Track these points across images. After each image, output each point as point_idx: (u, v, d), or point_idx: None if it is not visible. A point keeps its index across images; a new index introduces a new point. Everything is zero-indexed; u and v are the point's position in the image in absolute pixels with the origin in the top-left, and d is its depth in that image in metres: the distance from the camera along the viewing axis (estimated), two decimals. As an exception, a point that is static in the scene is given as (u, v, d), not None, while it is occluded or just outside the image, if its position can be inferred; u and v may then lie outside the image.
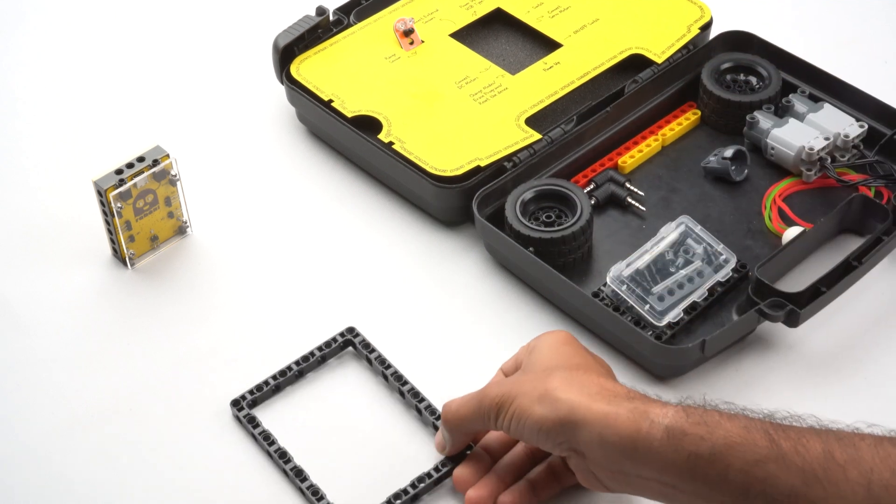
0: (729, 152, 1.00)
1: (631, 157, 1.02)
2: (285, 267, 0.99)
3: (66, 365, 0.93)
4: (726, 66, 1.06)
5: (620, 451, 0.74)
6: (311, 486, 0.84)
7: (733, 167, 1.00)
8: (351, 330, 0.92)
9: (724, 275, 0.91)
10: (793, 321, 0.89)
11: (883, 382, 0.89)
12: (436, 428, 0.87)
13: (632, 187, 1.00)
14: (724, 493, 0.72)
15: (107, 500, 0.85)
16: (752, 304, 0.90)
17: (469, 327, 0.94)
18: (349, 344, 0.92)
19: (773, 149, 1.00)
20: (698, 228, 0.92)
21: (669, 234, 0.92)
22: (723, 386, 0.89)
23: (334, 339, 0.92)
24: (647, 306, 0.89)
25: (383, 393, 0.90)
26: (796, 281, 0.94)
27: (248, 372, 0.91)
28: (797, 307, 0.89)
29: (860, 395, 0.88)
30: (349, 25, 1.11)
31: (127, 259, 0.98)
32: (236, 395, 0.89)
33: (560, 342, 0.83)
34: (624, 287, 0.90)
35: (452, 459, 0.85)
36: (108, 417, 0.89)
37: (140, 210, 0.96)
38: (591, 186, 1.00)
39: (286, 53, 1.07)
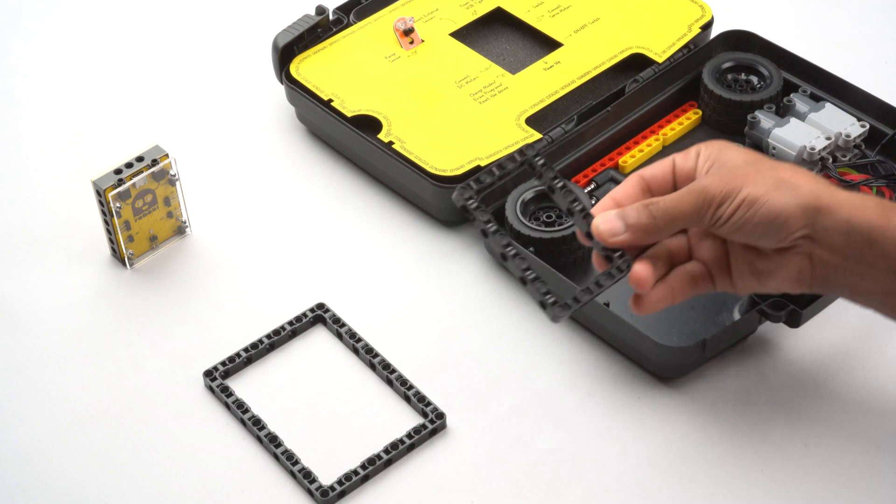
0: (729, 151, 1.00)
1: (632, 157, 1.02)
2: (284, 267, 0.99)
3: (64, 365, 0.92)
4: (727, 65, 1.06)
5: (865, 237, 0.75)
6: (286, 451, 0.85)
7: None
8: (332, 315, 0.92)
9: None
10: (794, 321, 0.89)
11: (885, 383, 0.89)
12: (407, 399, 0.88)
13: (632, 187, 1.00)
14: None
15: (107, 499, 0.85)
16: (753, 304, 0.89)
17: (469, 327, 0.94)
18: (321, 322, 0.92)
19: (774, 148, 1.00)
20: None
21: None
22: (724, 386, 0.89)
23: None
24: None
25: (361, 368, 0.91)
26: (797, 281, 0.94)
27: (250, 371, 0.91)
28: (799, 307, 0.88)
29: (862, 395, 0.88)
30: (349, 25, 1.10)
31: (126, 259, 0.98)
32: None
33: (743, 149, 0.81)
34: None
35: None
36: (108, 417, 0.89)
37: (139, 210, 0.96)
38: (592, 186, 1.00)
39: (286, 53, 1.07)
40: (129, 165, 0.94)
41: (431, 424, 0.87)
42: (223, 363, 0.90)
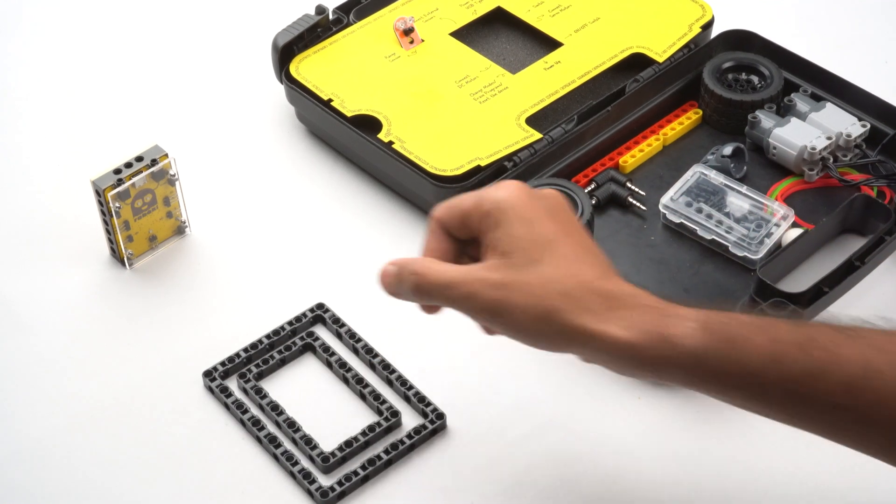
0: (728, 150, 1.00)
1: (632, 157, 1.02)
2: (284, 267, 0.99)
3: (64, 365, 0.92)
4: (728, 65, 1.06)
5: (643, 371, 0.71)
6: (286, 451, 0.85)
7: (732, 165, 1.00)
8: (325, 308, 0.92)
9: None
10: (795, 321, 0.89)
11: (885, 383, 0.89)
12: (407, 399, 0.88)
13: (633, 187, 1.00)
14: (762, 405, 0.71)
15: (106, 499, 0.85)
16: (754, 305, 0.89)
17: (469, 327, 0.94)
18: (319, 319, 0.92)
19: (774, 148, 1.00)
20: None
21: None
22: (724, 387, 0.89)
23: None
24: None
25: (361, 368, 0.91)
26: (798, 281, 0.94)
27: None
28: (799, 308, 0.88)
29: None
30: (349, 24, 1.10)
31: (125, 259, 0.98)
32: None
33: (533, 210, 0.72)
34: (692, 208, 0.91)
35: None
36: (107, 417, 0.89)
37: (138, 210, 0.96)
38: (592, 186, 1.00)
39: (285, 52, 1.07)
40: (128, 165, 0.94)
41: (431, 424, 0.87)
42: (223, 363, 0.90)
